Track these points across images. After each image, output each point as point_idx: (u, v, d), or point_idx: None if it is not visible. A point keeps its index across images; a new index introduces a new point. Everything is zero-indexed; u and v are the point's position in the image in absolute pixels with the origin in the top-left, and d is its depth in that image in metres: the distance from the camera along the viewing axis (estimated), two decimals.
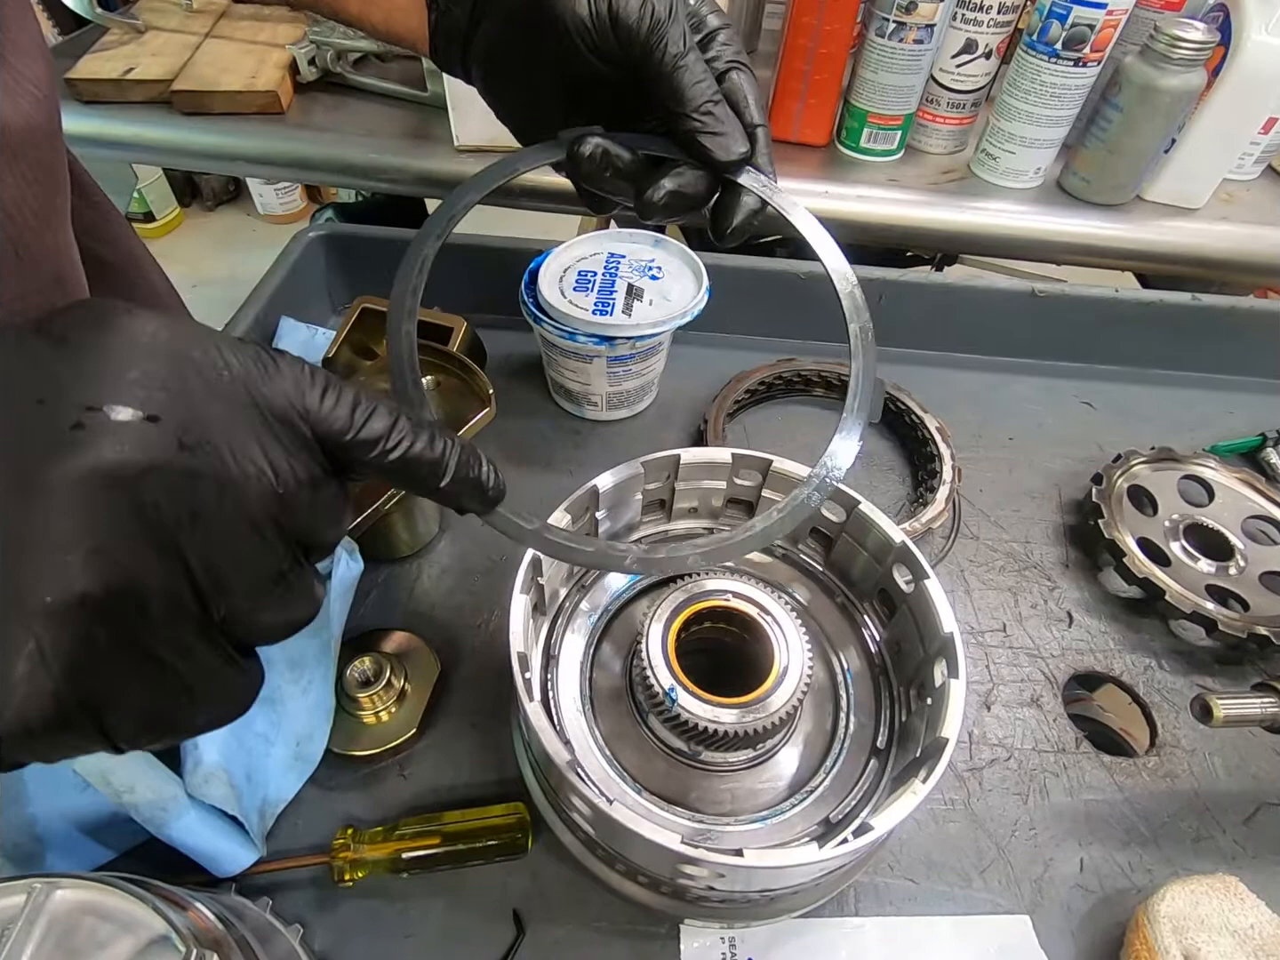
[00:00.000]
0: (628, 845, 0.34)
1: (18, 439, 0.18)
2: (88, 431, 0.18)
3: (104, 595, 0.18)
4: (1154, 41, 0.74)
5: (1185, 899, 0.39)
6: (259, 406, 0.21)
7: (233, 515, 0.21)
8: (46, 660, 0.18)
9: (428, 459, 0.25)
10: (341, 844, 0.39)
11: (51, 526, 0.18)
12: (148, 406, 0.19)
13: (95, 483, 0.18)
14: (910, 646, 0.41)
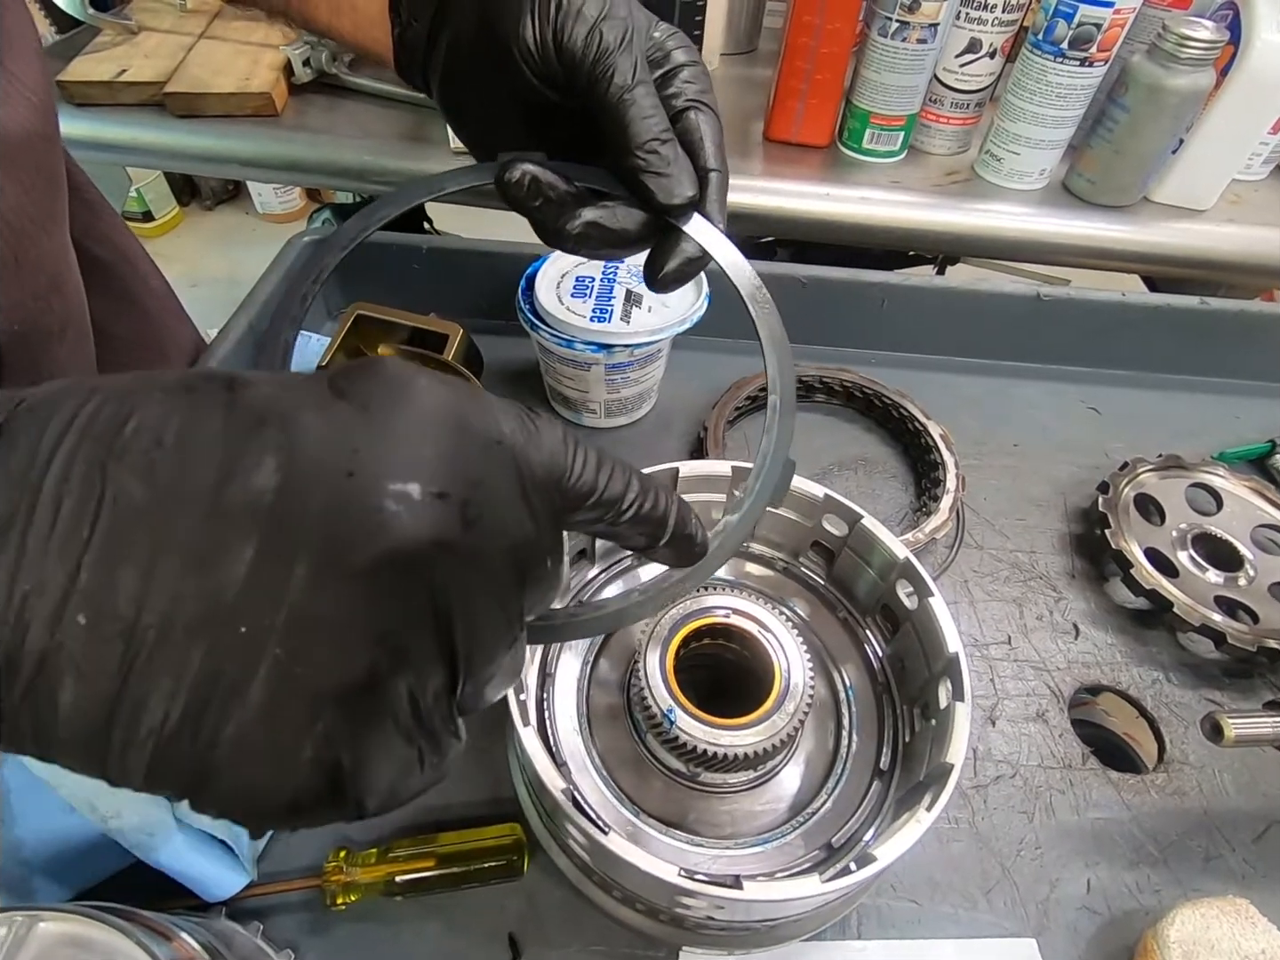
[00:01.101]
0: (624, 874, 0.33)
1: (326, 512, 0.18)
2: (393, 514, 0.18)
3: (387, 679, 0.18)
4: (1162, 41, 0.72)
5: (1195, 923, 0.38)
6: (524, 476, 0.21)
7: (494, 593, 0.21)
8: (331, 743, 0.18)
9: (657, 515, 0.25)
10: (334, 866, 0.38)
11: (350, 608, 0.18)
12: (439, 483, 0.19)
13: (396, 566, 0.18)
14: (914, 664, 0.41)
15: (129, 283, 0.55)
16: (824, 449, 0.64)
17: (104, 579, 0.16)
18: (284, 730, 0.17)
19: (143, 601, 0.16)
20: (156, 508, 0.17)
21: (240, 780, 0.18)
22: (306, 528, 0.17)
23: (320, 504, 0.17)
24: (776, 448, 0.30)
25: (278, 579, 0.17)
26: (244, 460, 0.17)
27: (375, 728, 0.19)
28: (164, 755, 0.17)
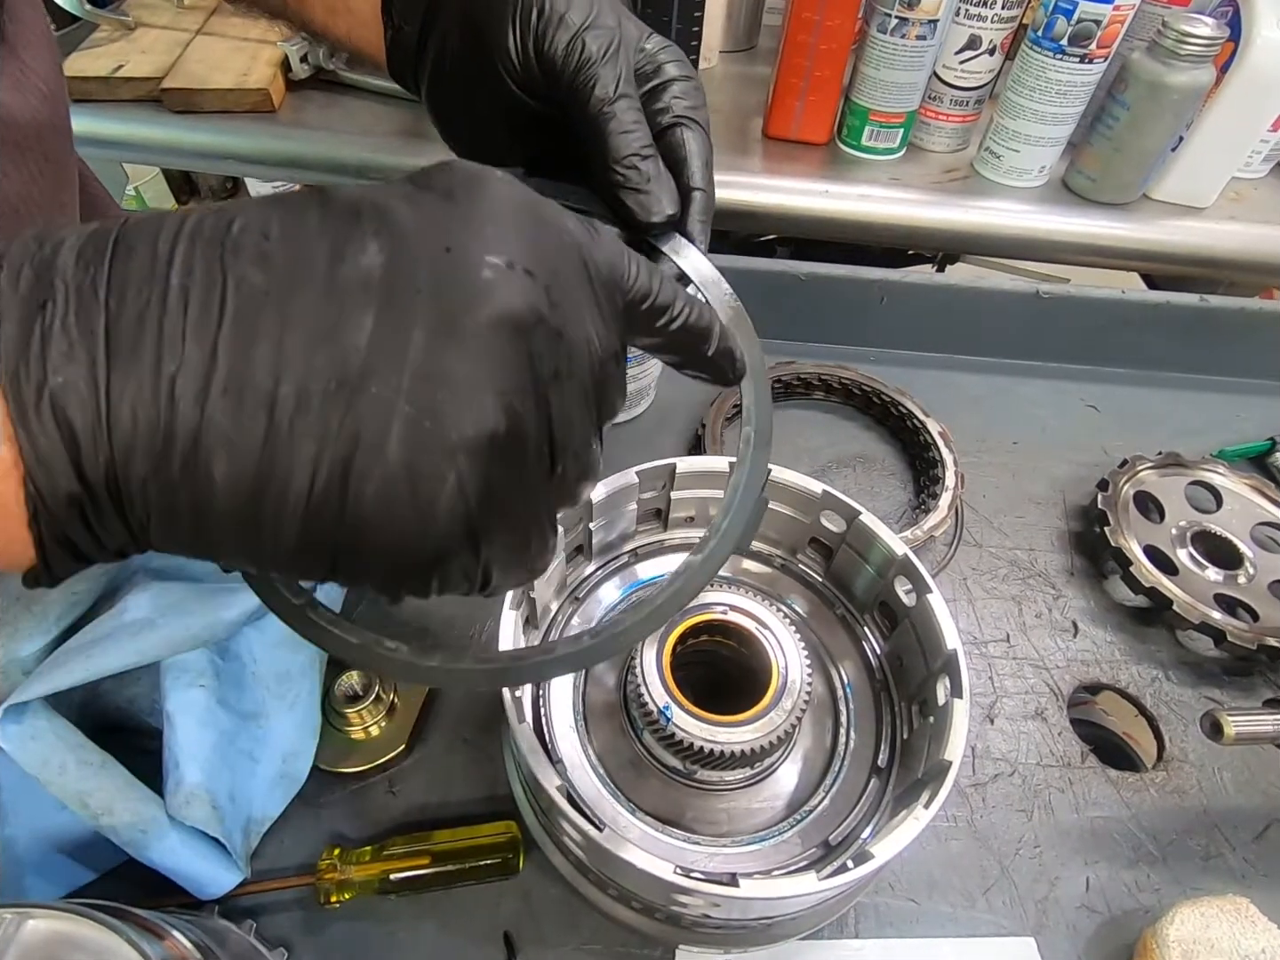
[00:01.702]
0: (620, 872, 0.33)
1: (433, 282, 0.19)
2: (493, 281, 0.19)
3: (506, 436, 0.19)
4: (1162, 37, 0.72)
5: (1195, 922, 0.38)
6: (589, 271, 0.22)
7: (577, 376, 0.21)
8: (464, 491, 0.19)
9: (702, 326, 0.26)
10: (328, 864, 0.38)
11: (469, 367, 0.19)
12: (526, 261, 0.20)
13: (505, 329, 0.19)
14: (912, 661, 0.40)
15: None
16: (822, 446, 0.64)
17: (240, 356, 0.17)
18: (422, 482, 0.18)
19: (279, 373, 0.17)
20: (277, 290, 0.18)
21: (386, 535, 0.19)
22: (418, 296, 0.19)
23: (426, 276, 0.19)
24: (748, 483, 0.27)
25: (399, 343, 0.18)
26: (349, 244, 0.19)
27: (500, 480, 0.20)
28: (314, 519, 0.18)
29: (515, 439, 0.20)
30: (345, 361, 0.18)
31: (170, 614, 0.37)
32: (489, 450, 0.19)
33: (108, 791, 0.34)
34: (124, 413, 0.17)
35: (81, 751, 0.34)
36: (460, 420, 0.19)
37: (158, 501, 0.18)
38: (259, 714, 0.41)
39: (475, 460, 0.19)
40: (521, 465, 0.20)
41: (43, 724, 0.34)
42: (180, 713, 0.37)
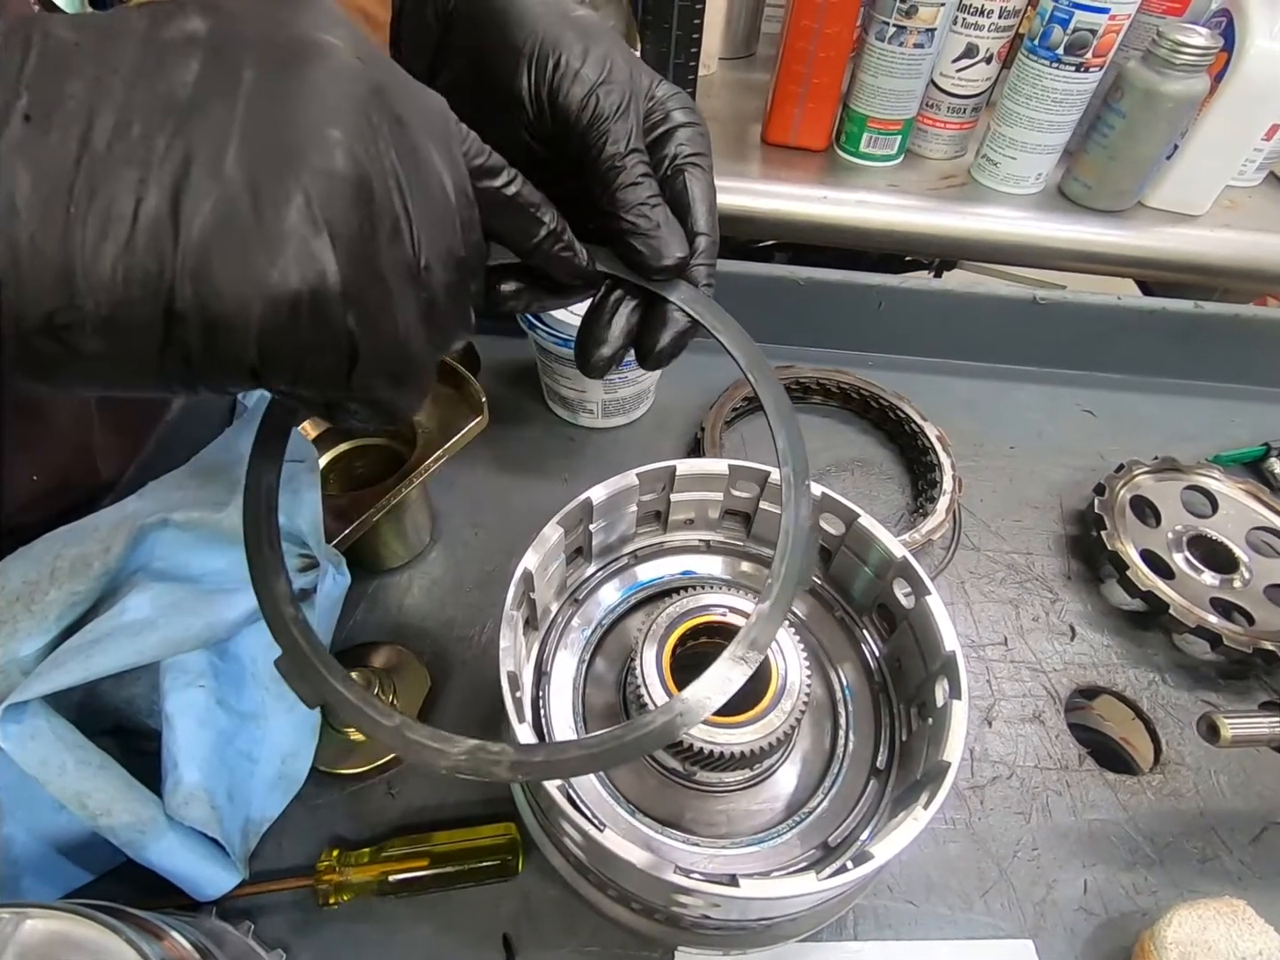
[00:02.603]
0: (619, 872, 0.33)
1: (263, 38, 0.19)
2: (332, 45, 0.20)
3: (354, 183, 0.19)
4: (1156, 47, 0.73)
5: (1192, 924, 0.38)
6: (425, 105, 0.23)
7: (429, 178, 0.22)
8: (314, 216, 0.18)
9: (534, 200, 0.27)
10: (326, 866, 0.38)
11: (308, 105, 0.18)
12: (356, 49, 0.20)
13: (343, 82, 0.19)
14: (911, 663, 0.40)
15: None
16: (821, 450, 0.64)
17: (47, 88, 0.16)
18: (267, 199, 0.18)
19: (93, 104, 0.17)
20: (89, 42, 0.17)
21: (231, 264, 0.17)
22: (248, 44, 0.18)
23: (256, 34, 0.19)
24: (798, 524, 0.28)
25: (230, 80, 0.18)
26: (170, 15, 0.18)
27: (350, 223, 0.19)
28: (139, 252, 0.17)
29: (363, 189, 0.19)
30: (170, 94, 0.17)
31: (170, 614, 0.37)
32: (338, 188, 0.19)
33: (106, 792, 0.34)
34: None
35: (80, 751, 0.34)
36: (303, 148, 0.18)
37: None
38: (258, 715, 0.41)
39: (321, 187, 0.18)
40: (374, 224, 0.20)
41: (42, 724, 0.34)
42: (179, 713, 0.37)
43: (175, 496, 0.40)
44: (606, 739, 0.25)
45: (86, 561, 0.37)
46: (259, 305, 0.18)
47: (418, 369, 0.23)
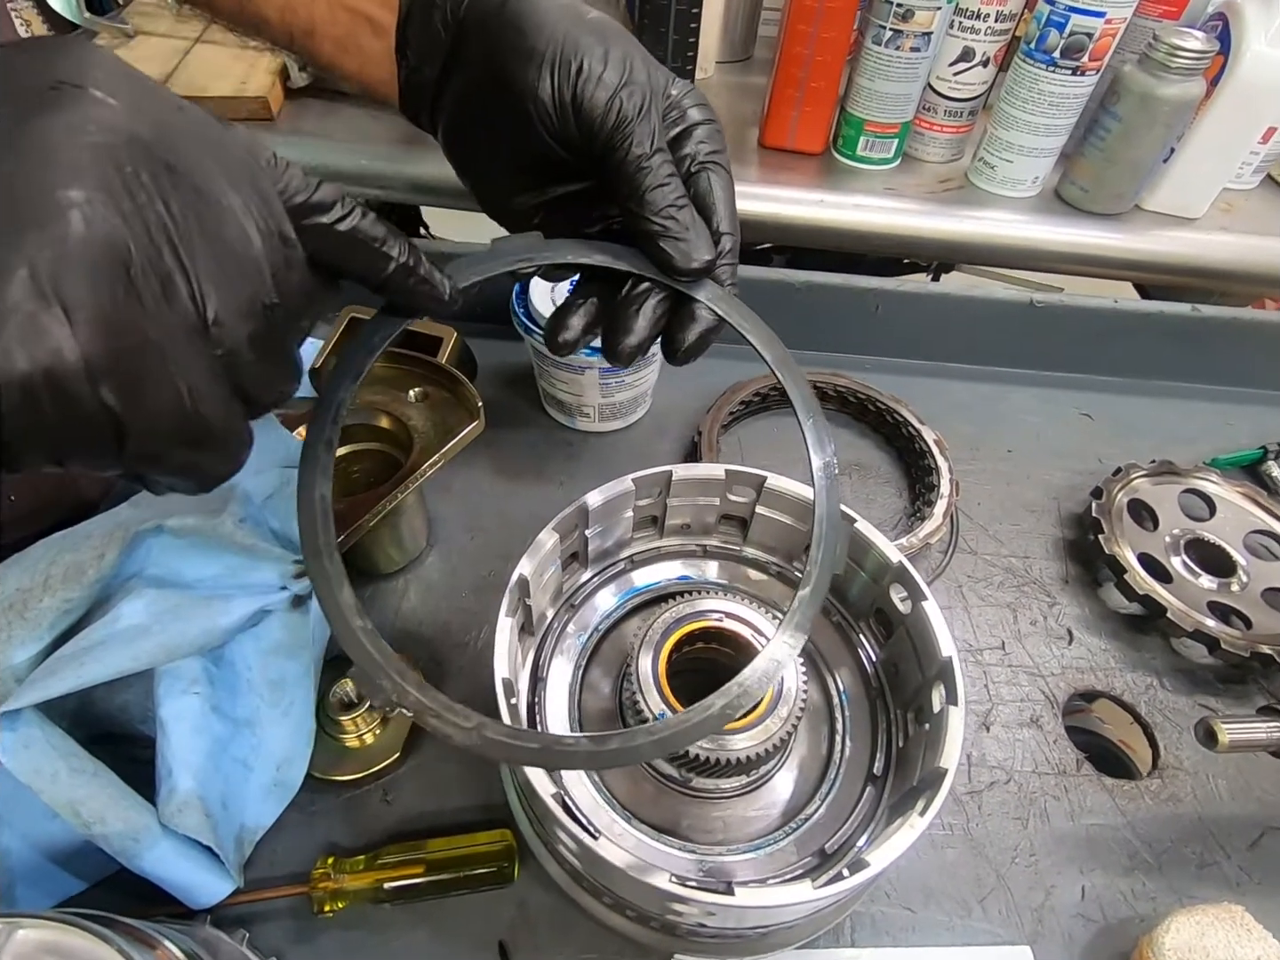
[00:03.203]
0: (615, 881, 0.33)
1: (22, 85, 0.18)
2: (76, 96, 0.19)
3: (101, 243, 0.18)
4: (1153, 50, 0.73)
5: (1191, 930, 0.38)
6: (223, 143, 0.22)
7: (220, 226, 0.21)
8: (42, 287, 0.17)
9: (375, 234, 0.25)
10: (321, 873, 0.38)
11: (46, 165, 0.17)
12: (125, 105, 0.19)
13: (88, 131, 0.18)
14: (908, 668, 0.40)
15: None
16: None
17: None
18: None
19: None
20: None
21: None
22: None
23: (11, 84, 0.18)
24: (830, 512, 0.31)
25: None
26: None
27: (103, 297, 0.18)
28: None
29: (112, 251, 0.18)
30: None
31: (165, 621, 0.37)
32: (74, 253, 0.17)
33: (100, 800, 0.34)
34: None
35: (74, 760, 0.34)
36: (30, 213, 0.17)
37: None
38: (253, 721, 0.41)
39: (52, 259, 0.17)
40: (133, 286, 0.19)
41: (35, 732, 0.34)
42: (174, 720, 0.37)
43: (169, 503, 0.40)
44: (672, 723, 0.28)
45: (80, 568, 0.37)
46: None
47: (219, 431, 0.22)
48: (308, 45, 0.39)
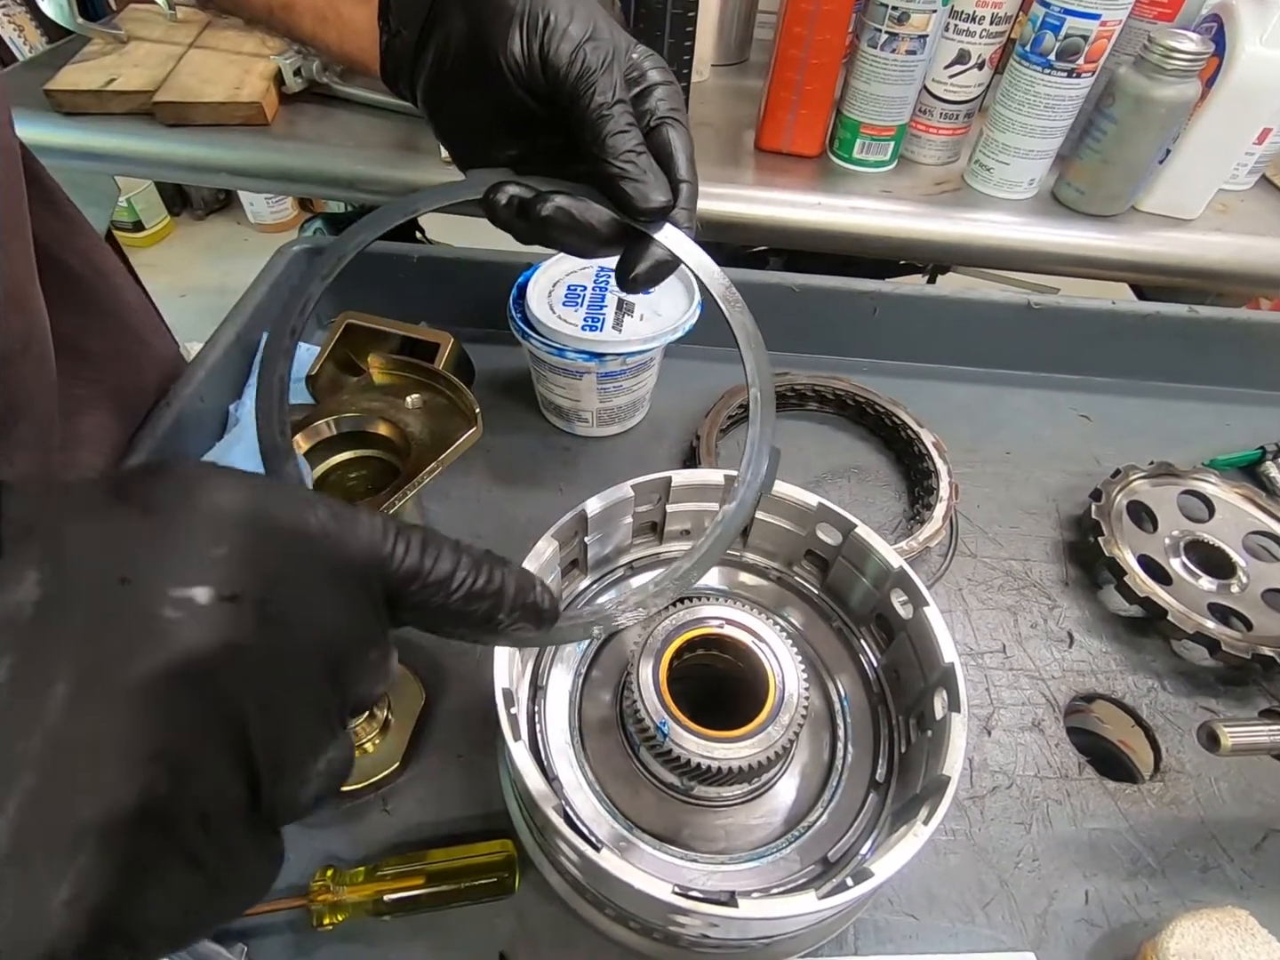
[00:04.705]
0: (616, 892, 0.33)
1: (95, 624, 0.16)
2: (173, 622, 0.17)
3: (166, 802, 0.17)
4: (1148, 52, 0.73)
5: (1195, 935, 0.38)
6: (336, 567, 0.20)
7: (303, 693, 0.19)
8: (92, 881, 0.16)
9: (489, 592, 0.23)
10: (320, 886, 0.37)
11: (118, 729, 0.16)
12: (231, 584, 0.18)
13: (175, 679, 0.17)
14: (909, 674, 0.40)
15: (103, 297, 0.54)
16: (816, 457, 0.64)
17: None
18: (35, 873, 0.15)
19: None
20: None
21: None
22: (69, 641, 0.16)
23: (86, 615, 0.16)
24: (762, 436, 0.33)
25: (32, 701, 0.15)
26: (3, 574, 0.16)
27: (150, 858, 0.17)
28: None
29: (181, 802, 0.17)
30: None
31: None
32: (132, 828, 0.16)
33: None
34: None
35: None
36: (96, 795, 0.16)
37: None
38: None
39: (110, 843, 0.16)
40: (195, 827, 0.17)
41: None
42: None
43: None
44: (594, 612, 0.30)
45: None
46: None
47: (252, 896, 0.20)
48: (286, 19, 0.39)
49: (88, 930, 0.16)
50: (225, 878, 0.19)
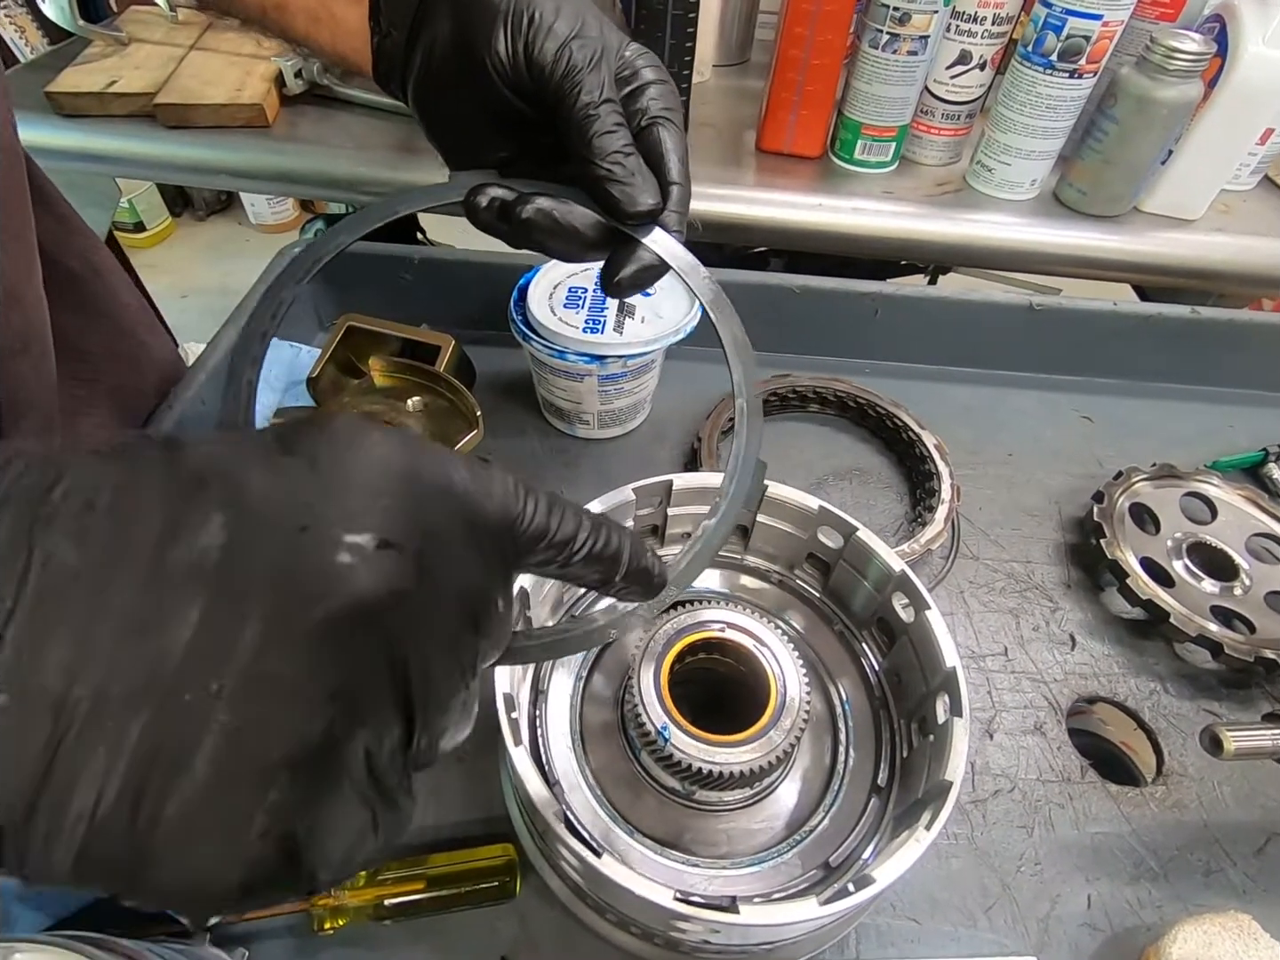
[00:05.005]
0: (617, 898, 0.33)
1: (279, 569, 0.17)
2: (348, 566, 0.17)
3: (343, 739, 0.17)
4: (1150, 53, 0.73)
5: (1198, 940, 0.37)
6: (475, 524, 0.21)
7: (448, 642, 0.20)
8: (284, 812, 0.17)
9: (609, 552, 0.25)
10: None
11: (304, 667, 0.17)
12: (393, 533, 0.18)
13: (352, 619, 0.17)
14: (911, 678, 0.40)
15: (100, 297, 0.54)
16: (818, 460, 0.64)
17: (29, 649, 0.15)
18: (233, 804, 0.16)
19: (75, 672, 0.15)
20: (91, 572, 0.16)
21: (184, 865, 0.16)
22: (258, 585, 0.17)
23: (271, 560, 0.17)
24: (747, 450, 0.31)
25: (226, 641, 0.16)
26: (188, 519, 0.17)
27: (330, 791, 0.18)
28: (96, 843, 0.15)
29: (349, 736, 0.18)
30: (159, 660, 0.16)
31: None
32: (318, 760, 0.17)
33: None
34: None
35: None
36: (285, 731, 0.17)
37: None
38: None
39: (299, 774, 0.17)
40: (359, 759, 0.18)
41: None
42: None
43: None
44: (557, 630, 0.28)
45: None
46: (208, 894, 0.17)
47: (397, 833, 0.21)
48: (280, 19, 0.39)
49: (277, 861, 0.17)
50: (382, 817, 0.20)
